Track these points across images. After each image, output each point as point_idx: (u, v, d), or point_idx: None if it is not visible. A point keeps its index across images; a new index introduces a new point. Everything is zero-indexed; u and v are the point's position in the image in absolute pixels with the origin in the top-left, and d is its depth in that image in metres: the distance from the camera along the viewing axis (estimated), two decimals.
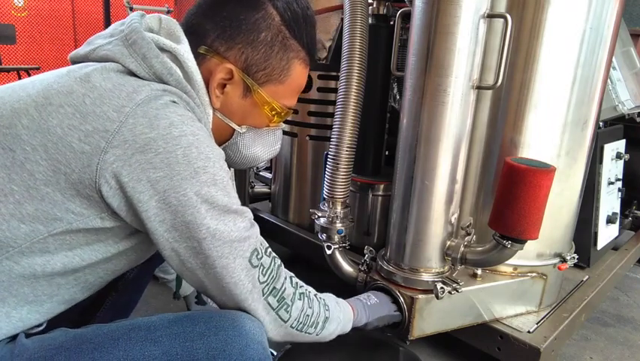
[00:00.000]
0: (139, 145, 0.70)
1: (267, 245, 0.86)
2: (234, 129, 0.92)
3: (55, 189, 0.70)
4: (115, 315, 1.17)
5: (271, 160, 2.21)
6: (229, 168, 1.04)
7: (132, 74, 0.77)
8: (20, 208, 0.70)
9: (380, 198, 1.64)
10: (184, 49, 0.82)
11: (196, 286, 0.81)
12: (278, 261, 0.87)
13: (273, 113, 0.92)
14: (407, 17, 1.26)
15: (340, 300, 1.08)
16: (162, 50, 0.80)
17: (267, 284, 0.82)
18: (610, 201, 1.82)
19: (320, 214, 1.39)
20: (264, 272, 0.82)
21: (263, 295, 0.82)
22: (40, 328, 0.80)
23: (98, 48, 0.80)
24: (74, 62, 0.84)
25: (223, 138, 0.93)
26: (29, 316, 0.76)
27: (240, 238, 0.78)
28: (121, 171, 0.70)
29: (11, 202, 0.70)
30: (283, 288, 0.85)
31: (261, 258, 0.82)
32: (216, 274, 0.77)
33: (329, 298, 1.02)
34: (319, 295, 0.98)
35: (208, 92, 0.85)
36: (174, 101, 0.76)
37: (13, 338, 0.75)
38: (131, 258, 0.86)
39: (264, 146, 0.99)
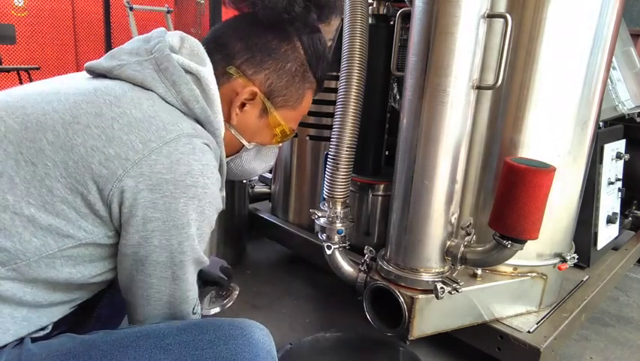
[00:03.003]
0: (151, 183, 0.72)
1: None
2: (243, 145, 0.97)
3: (71, 207, 0.72)
4: (112, 312, 1.17)
5: None
6: (227, 179, 1.07)
7: (160, 98, 0.80)
8: (34, 222, 0.70)
9: (380, 198, 1.64)
10: (208, 72, 0.85)
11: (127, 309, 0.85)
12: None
13: (282, 134, 0.99)
14: (407, 17, 1.26)
15: None
16: (187, 72, 0.83)
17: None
18: (610, 201, 1.82)
19: (320, 214, 1.39)
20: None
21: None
22: (46, 331, 0.81)
23: (125, 66, 0.81)
24: (95, 72, 0.85)
25: (230, 151, 0.98)
26: (30, 315, 0.76)
27: (190, 287, 0.83)
28: (125, 201, 0.72)
29: (26, 215, 0.70)
30: None
31: (197, 306, 0.88)
32: (153, 308, 0.81)
33: None
34: None
35: (228, 108, 0.91)
36: (206, 144, 0.79)
37: (20, 342, 0.75)
38: None
39: (261, 161, 1.06)
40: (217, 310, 1.24)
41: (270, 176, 2.26)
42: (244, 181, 1.98)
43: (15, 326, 0.74)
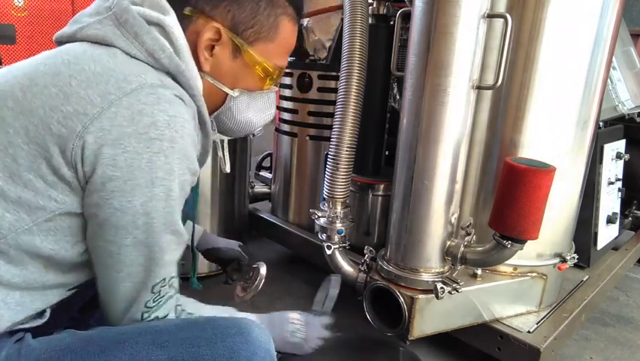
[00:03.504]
0: (112, 137, 0.68)
1: (175, 274, 0.82)
2: (227, 94, 0.89)
3: (37, 175, 0.69)
4: None
5: (271, 160, 2.21)
6: (225, 137, 1.02)
7: (123, 53, 0.75)
8: (4, 196, 0.69)
9: (380, 198, 1.64)
10: (171, 20, 0.79)
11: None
12: (172, 292, 0.82)
13: (265, 73, 0.89)
14: (407, 17, 1.26)
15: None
16: (150, 22, 0.78)
17: (150, 310, 0.79)
18: (610, 201, 1.82)
19: (320, 214, 1.39)
20: (155, 299, 0.79)
21: (139, 317, 0.79)
22: (43, 319, 0.80)
23: (87, 27, 0.77)
24: (60, 42, 0.82)
25: (216, 103, 0.91)
26: (23, 299, 0.75)
27: (158, 261, 0.75)
28: (85, 160, 0.68)
29: None
30: (164, 316, 0.82)
31: (164, 286, 0.79)
32: (113, 280, 0.75)
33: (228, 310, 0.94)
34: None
35: (197, 55, 0.83)
36: (176, 95, 0.74)
37: (21, 338, 0.75)
38: None
39: (257, 110, 0.95)
40: (252, 294, 1.15)
41: (270, 176, 2.26)
42: (249, 137, 1.89)
43: (9, 311, 0.73)
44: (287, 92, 1.82)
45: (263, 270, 1.16)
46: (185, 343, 0.73)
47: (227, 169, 1.03)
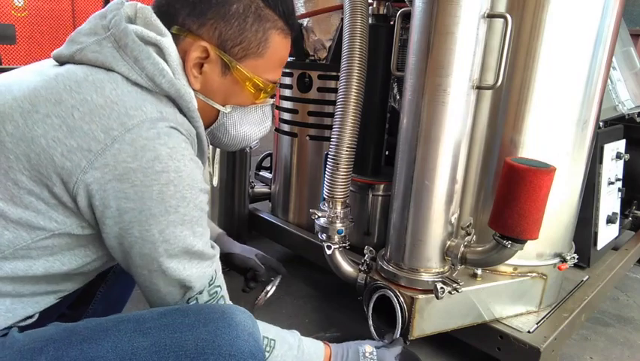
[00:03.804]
0: (118, 172, 0.69)
1: (218, 283, 0.85)
2: (219, 110, 0.89)
3: (39, 199, 0.71)
4: (107, 308, 1.16)
5: (271, 160, 2.21)
6: (220, 150, 1.02)
7: (124, 79, 0.76)
8: (4, 216, 0.70)
9: (380, 198, 1.64)
10: (168, 42, 0.80)
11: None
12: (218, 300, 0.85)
13: (256, 88, 0.89)
14: (407, 17, 1.26)
15: (310, 342, 0.99)
16: (147, 43, 0.78)
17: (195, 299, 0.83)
18: (610, 201, 1.82)
19: (320, 214, 1.39)
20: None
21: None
22: (33, 319, 0.81)
23: (85, 49, 0.77)
24: (59, 62, 0.81)
25: (209, 120, 0.91)
26: (14, 306, 0.76)
27: (188, 279, 0.79)
28: (94, 194, 0.70)
29: None
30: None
31: (200, 295, 0.82)
32: (159, 301, 0.81)
33: (292, 333, 0.97)
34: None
35: (187, 74, 0.83)
36: (173, 127, 0.74)
37: (6, 333, 0.75)
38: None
39: (252, 124, 0.96)
40: (262, 301, 1.22)
41: (270, 176, 2.26)
42: (246, 150, 1.90)
43: None
44: (287, 92, 1.82)
45: (277, 281, 1.25)
46: (167, 329, 0.73)
47: (215, 182, 1.03)
